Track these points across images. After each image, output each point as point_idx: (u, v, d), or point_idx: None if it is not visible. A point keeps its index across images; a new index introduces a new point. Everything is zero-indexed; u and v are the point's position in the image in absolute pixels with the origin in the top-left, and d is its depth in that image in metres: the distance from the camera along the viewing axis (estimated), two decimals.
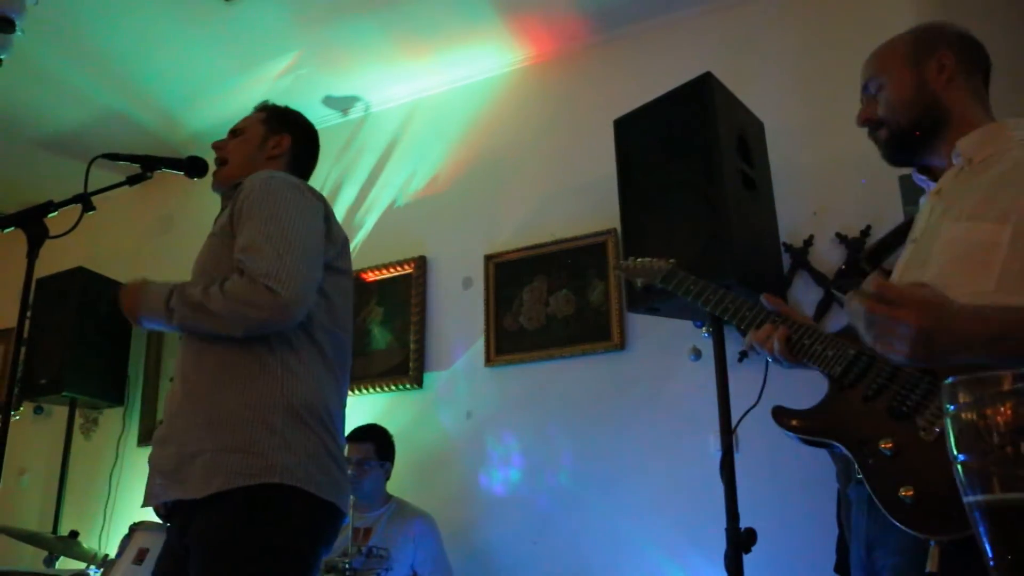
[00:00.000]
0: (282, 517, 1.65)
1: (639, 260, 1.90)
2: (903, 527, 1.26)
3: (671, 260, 1.82)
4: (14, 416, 3.82)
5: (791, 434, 1.47)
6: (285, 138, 2.07)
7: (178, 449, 1.71)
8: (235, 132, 2.09)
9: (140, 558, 2.44)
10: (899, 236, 1.75)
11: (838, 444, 1.40)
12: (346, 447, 3.08)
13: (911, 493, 1.26)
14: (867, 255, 2.80)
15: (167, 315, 1.75)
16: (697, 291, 1.70)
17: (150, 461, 1.79)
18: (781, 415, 1.48)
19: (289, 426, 1.70)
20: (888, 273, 1.62)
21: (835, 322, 2.74)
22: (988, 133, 1.48)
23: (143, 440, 4.13)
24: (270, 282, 1.66)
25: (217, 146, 2.08)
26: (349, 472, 3.03)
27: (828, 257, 2.87)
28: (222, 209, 1.99)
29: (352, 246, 3.86)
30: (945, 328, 1.18)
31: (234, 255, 1.75)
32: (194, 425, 1.71)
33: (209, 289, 1.71)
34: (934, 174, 1.57)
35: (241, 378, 1.72)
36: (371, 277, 3.80)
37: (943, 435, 1.26)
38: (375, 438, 3.12)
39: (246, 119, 2.12)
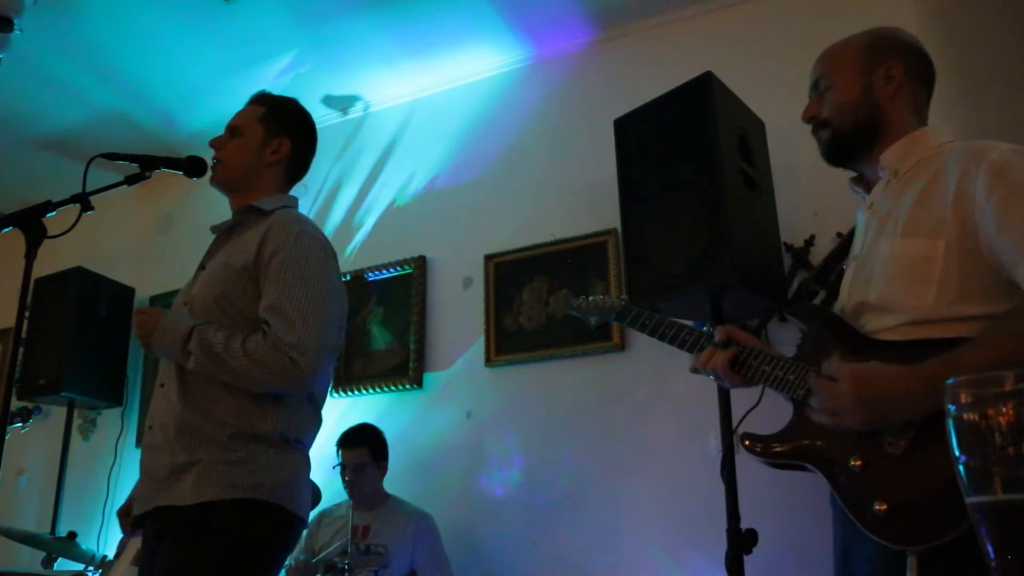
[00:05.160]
0: (263, 532, 1.72)
1: (591, 299, 1.98)
2: (879, 540, 1.29)
3: (623, 297, 1.89)
4: (23, 429, 3.82)
5: (760, 459, 1.50)
6: (284, 143, 2.03)
7: (171, 458, 1.73)
8: (233, 130, 2.04)
9: (138, 559, 2.44)
10: (842, 254, 1.81)
11: (808, 465, 1.43)
12: (340, 453, 3.09)
13: (884, 507, 1.29)
14: (815, 276, 2.83)
15: (183, 356, 1.74)
16: (653, 326, 1.75)
17: (141, 467, 1.83)
18: (748, 440, 1.51)
19: (279, 447, 1.77)
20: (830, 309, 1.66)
21: None
22: (909, 143, 1.54)
23: (141, 441, 4.12)
24: (294, 353, 1.69)
25: (215, 145, 2.04)
26: (348, 478, 3.04)
27: None
28: (234, 223, 1.98)
29: (352, 246, 3.92)
30: (881, 394, 1.29)
31: (260, 312, 1.76)
32: (188, 436, 1.73)
33: (230, 343, 1.71)
34: (867, 185, 1.65)
35: (238, 395, 1.75)
36: (371, 277, 3.79)
37: (910, 448, 1.29)
38: (368, 441, 3.13)
39: (244, 114, 2.07)
